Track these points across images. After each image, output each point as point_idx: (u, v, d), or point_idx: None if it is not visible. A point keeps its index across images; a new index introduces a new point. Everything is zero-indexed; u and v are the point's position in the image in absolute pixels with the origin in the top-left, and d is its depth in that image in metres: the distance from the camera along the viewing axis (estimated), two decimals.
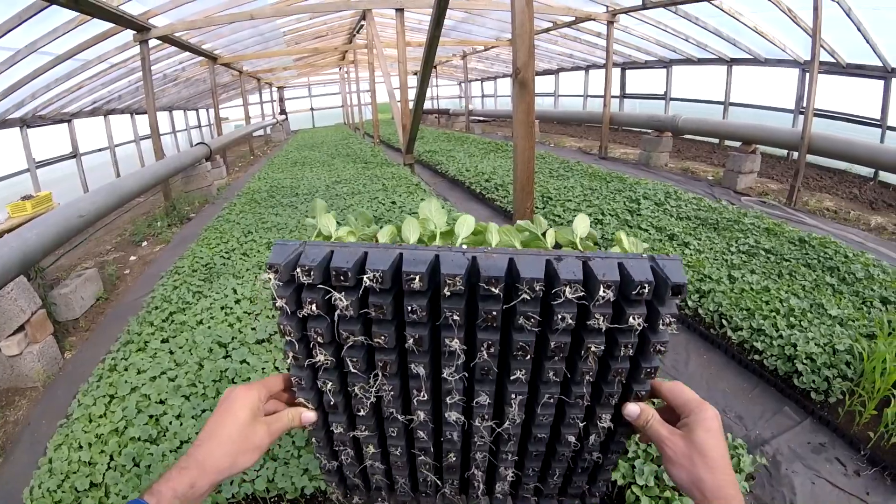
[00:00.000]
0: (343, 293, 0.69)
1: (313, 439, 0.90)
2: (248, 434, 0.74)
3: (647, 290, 0.65)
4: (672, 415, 0.77)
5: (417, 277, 0.66)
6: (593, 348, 0.70)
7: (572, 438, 0.82)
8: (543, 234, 0.87)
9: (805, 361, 2.69)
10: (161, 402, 2.46)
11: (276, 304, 0.72)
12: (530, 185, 3.24)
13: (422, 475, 0.94)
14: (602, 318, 0.67)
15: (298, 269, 0.69)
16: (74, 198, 4.69)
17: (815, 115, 6.53)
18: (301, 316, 0.73)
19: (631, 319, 0.67)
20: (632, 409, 0.76)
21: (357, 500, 1.02)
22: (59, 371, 3.45)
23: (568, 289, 0.64)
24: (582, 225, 0.86)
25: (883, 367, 2.39)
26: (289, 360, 0.79)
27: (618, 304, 0.68)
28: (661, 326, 0.69)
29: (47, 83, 7.26)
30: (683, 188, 6.76)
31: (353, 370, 0.76)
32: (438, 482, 0.95)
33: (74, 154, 9.33)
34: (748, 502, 2.07)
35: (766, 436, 2.48)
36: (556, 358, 0.72)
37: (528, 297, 0.66)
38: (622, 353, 0.71)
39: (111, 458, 2.14)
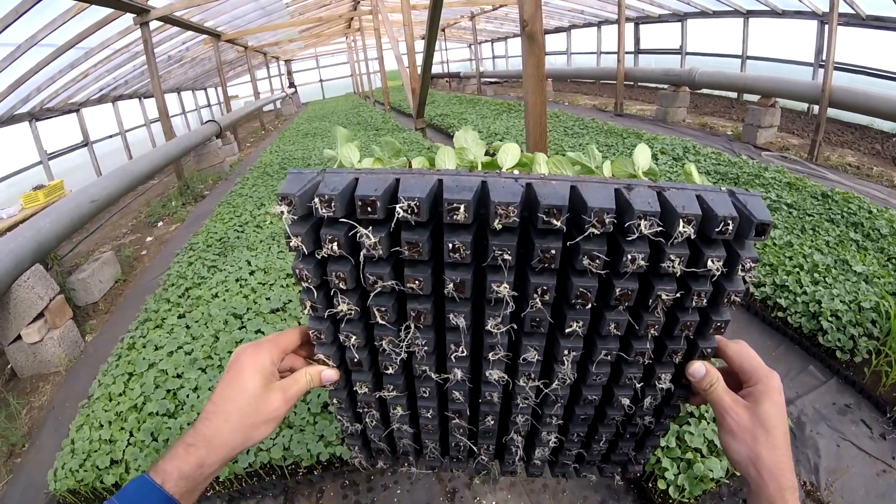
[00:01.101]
0: (370, 228, 0.57)
1: (334, 400, 0.79)
2: (260, 405, 0.65)
3: (730, 228, 0.55)
4: (731, 378, 0.69)
5: (462, 207, 0.55)
6: (664, 296, 0.60)
7: (626, 401, 0.74)
8: (598, 168, 0.76)
9: (830, 319, 2.59)
10: (178, 376, 2.46)
11: (291, 244, 0.60)
12: (543, 142, 3.12)
13: (454, 439, 0.85)
14: (678, 260, 0.57)
15: (317, 200, 0.57)
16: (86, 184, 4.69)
17: (836, 68, 6.25)
18: (320, 257, 0.62)
19: (710, 263, 0.57)
20: (697, 368, 0.68)
21: (381, 464, 0.93)
22: (80, 354, 3.47)
23: (643, 222, 0.54)
24: (643, 156, 0.75)
25: None
26: (306, 311, 0.67)
27: (693, 244, 0.58)
28: (738, 273, 0.60)
29: (51, 75, 7.18)
30: (702, 143, 6.57)
31: (380, 321, 0.65)
32: (473, 447, 0.86)
33: (86, 142, 9.31)
34: None
35: (790, 396, 2.40)
36: (621, 308, 0.62)
37: (596, 233, 0.55)
38: (694, 304, 0.62)
39: (130, 435, 2.14)
